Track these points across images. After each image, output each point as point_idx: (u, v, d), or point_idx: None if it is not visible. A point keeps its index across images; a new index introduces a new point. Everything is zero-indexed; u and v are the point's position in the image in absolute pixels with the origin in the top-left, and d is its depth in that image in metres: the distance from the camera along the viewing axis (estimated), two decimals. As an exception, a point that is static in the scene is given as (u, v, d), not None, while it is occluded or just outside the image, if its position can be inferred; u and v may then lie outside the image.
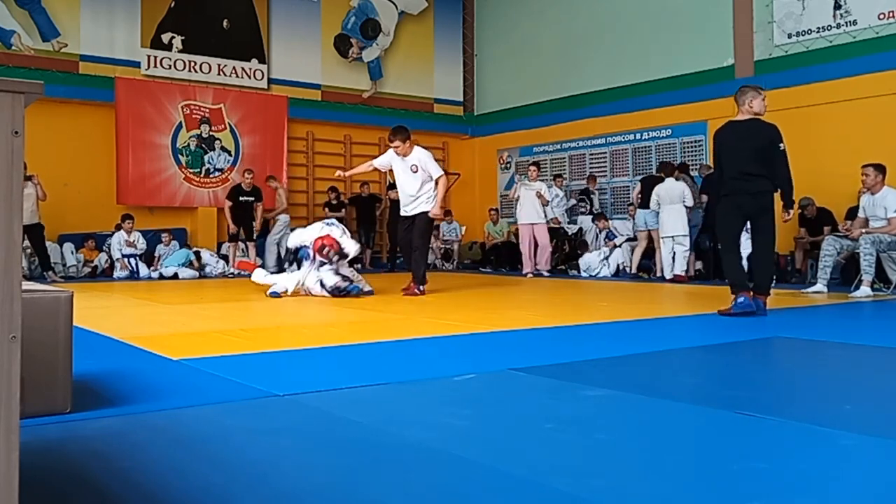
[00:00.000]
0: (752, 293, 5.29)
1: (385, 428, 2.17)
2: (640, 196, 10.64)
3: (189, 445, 2.00)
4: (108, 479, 1.72)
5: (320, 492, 1.63)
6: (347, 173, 8.13)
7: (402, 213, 7.48)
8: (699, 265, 10.23)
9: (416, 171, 7.25)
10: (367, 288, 7.46)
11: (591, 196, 12.46)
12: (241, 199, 11.45)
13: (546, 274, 10.85)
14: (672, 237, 9.73)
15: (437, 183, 7.30)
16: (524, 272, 11.11)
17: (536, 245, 10.98)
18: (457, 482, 1.68)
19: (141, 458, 1.88)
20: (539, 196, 10.75)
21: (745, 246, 6.90)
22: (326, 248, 7.15)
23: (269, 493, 1.61)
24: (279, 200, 12.26)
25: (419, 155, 7.27)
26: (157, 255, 11.20)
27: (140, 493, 1.63)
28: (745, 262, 6.44)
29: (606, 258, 11.16)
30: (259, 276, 7.78)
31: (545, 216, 10.96)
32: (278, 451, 1.96)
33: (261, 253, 11.90)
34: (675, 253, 9.77)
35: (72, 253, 10.96)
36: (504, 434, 2.11)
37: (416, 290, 7.24)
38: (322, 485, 1.68)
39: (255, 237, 11.67)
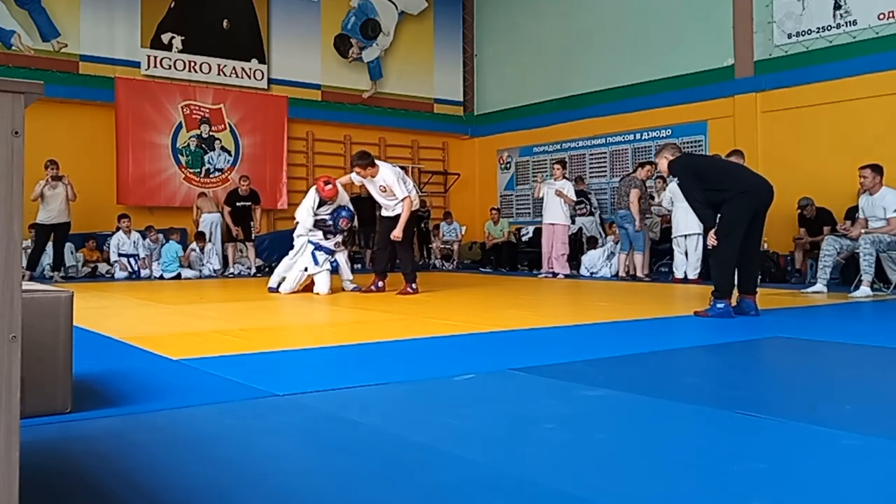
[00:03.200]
0: (734, 299, 5.36)
1: (385, 428, 2.17)
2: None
3: (189, 445, 2.00)
4: (108, 479, 1.72)
5: (320, 491, 1.63)
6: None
7: (383, 213, 7.58)
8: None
9: (385, 191, 7.35)
10: (351, 286, 7.47)
11: (589, 196, 12.44)
12: (238, 204, 11.53)
13: (561, 276, 10.58)
14: (685, 236, 9.56)
15: (403, 203, 7.28)
16: (541, 272, 11.01)
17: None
18: (457, 482, 1.68)
19: (141, 458, 1.88)
20: (559, 195, 10.52)
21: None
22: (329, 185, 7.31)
23: (269, 493, 1.61)
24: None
25: (385, 176, 7.27)
26: (149, 254, 11.10)
27: (140, 493, 1.63)
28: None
29: (610, 256, 11.04)
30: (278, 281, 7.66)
31: (567, 217, 10.67)
32: (278, 451, 1.96)
33: (259, 254, 11.90)
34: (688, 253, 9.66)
35: (71, 253, 10.93)
36: (504, 434, 2.11)
37: (408, 290, 7.27)
38: (322, 484, 1.68)
39: (252, 238, 11.74)
